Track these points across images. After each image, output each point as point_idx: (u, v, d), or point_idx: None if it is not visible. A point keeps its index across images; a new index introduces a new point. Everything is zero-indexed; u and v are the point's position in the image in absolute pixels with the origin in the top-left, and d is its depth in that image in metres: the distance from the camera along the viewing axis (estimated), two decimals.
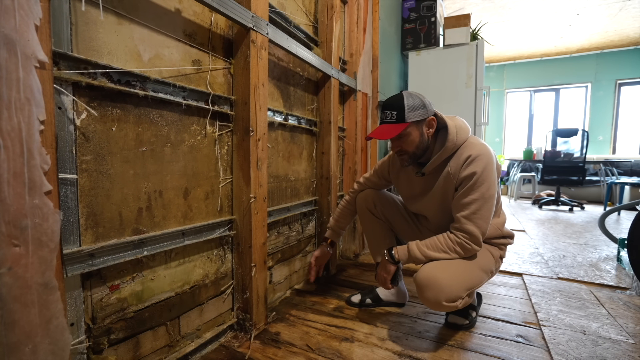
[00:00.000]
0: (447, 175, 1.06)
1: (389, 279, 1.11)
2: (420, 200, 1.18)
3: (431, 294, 0.98)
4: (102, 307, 0.76)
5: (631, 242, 1.41)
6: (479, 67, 2.39)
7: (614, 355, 1.02)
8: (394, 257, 1.09)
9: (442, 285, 0.97)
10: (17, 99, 0.51)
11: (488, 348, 1.06)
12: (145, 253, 0.83)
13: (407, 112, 0.99)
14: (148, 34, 0.83)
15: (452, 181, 1.04)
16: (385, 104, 1.04)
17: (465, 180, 1.01)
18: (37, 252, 0.55)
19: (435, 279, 0.98)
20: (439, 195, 1.10)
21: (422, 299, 1.03)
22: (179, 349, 0.96)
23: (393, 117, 1.00)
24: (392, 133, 0.98)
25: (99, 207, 0.74)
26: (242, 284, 1.13)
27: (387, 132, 1.00)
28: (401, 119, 0.99)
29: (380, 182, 1.33)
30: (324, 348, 1.06)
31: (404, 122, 0.99)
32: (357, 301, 1.36)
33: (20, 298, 0.53)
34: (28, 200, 0.54)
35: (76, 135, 0.68)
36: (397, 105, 1.00)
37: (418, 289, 1.03)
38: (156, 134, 0.86)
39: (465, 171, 1.01)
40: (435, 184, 1.10)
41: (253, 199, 1.08)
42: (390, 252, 1.10)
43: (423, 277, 1.00)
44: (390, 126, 1.00)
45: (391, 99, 1.04)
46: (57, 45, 0.63)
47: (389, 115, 1.01)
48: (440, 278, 0.97)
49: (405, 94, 1.02)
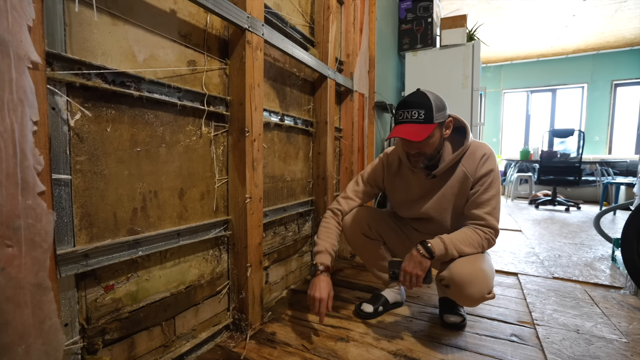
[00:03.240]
0: (463, 174, 1.06)
1: (423, 277, 0.98)
2: (423, 203, 1.14)
3: (476, 289, 0.96)
4: (96, 308, 0.76)
5: (624, 241, 1.42)
6: (475, 67, 2.40)
7: (606, 354, 1.03)
8: (431, 252, 0.98)
9: (486, 278, 0.98)
10: (9, 100, 0.51)
11: (482, 347, 1.07)
12: (140, 253, 0.83)
13: (435, 112, 0.95)
14: (143, 35, 0.83)
15: (469, 180, 1.06)
16: (410, 101, 0.97)
17: (484, 178, 1.04)
18: (31, 253, 0.55)
19: (481, 273, 0.97)
20: (450, 195, 1.09)
21: (462, 296, 0.99)
22: (175, 349, 0.96)
23: (421, 117, 0.94)
24: (422, 135, 0.93)
25: (94, 208, 0.74)
26: (238, 284, 1.13)
27: (415, 133, 0.93)
28: (429, 119, 0.94)
29: (372, 191, 1.25)
30: (320, 348, 1.07)
31: (432, 123, 0.95)
32: (371, 311, 1.25)
33: (13, 298, 0.53)
34: (21, 201, 0.54)
35: (70, 136, 0.68)
36: (424, 105, 0.95)
37: (458, 287, 0.97)
38: (151, 134, 0.86)
39: (482, 169, 1.04)
40: (446, 184, 1.09)
41: (249, 199, 1.08)
42: (425, 246, 0.99)
43: (467, 272, 0.97)
44: (418, 127, 0.94)
45: (416, 96, 0.97)
46: (51, 46, 0.63)
47: (415, 115, 0.94)
48: (483, 271, 0.98)
49: (429, 93, 0.98)
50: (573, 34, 4.68)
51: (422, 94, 0.97)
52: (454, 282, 0.98)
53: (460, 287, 0.97)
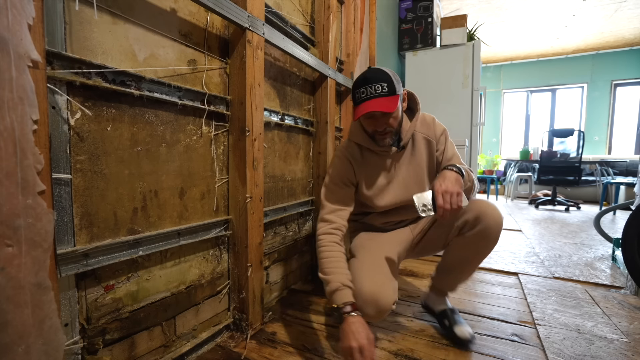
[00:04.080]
0: (425, 140, 1.10)
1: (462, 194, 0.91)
2: (400, 183, 1.09)
3: (500, 231, 1.02)
4: (96, 308, 0.76)
5: (625, 240, 1.42)
6: (475, 67, 2.39)
7: (607, 354, 1.03)
8: (460, 169, 0.95)
9: (501, 215, 1.04)
10: (9, 99, 0.51)
11: (483, 347, 1.07)
12: (140, 253, 0.82)
13: (396, 84, 0.94)
14: (143, 34, 0.82)
15: (432, 142, 1.10)
16: (369, 77, 0.93)
17: (441, 136, 1.11)
18: (31, 252, 0.55)
19: (501, 218, 1.03)
20: (424, 161, 1.10)
21: (488, 241, 1.02)
22: (175, 349, 0.96)
23: (385, 90, 0.91)
24: (391, 106, 0.91)
25: (94, 207, 0.74)
26: (238, 284, 1.13)
27: (385, 105, 0.91)
28: (392, 91, 0.92)
29: (348, 193, 1.09)
30: (320, 347, 1.06)
31: (396, 94, 0.93)
32: None
33: (13, 298, 0.53)
34: (21, 200, 0.53)
35: (70, 135, 0.68)
36: (385, 78, 0.93)
37: (488, 232, 1.00)
38: (151, 133, 0.86)
39: (437, 129, 1.10)
40: (414, 155, 1.09)
41: (249, 198, 1.08)
42: (453, 165, 0.96)
43: (496, 218, 1.01)
44: (385, 99, 0.91)
45: (373, 72, 0.94)
46: (51, 45, 0.63)
47: (378, 88, 0.91)
48: (498, 209, 1.04)
49: (383, 67, 0.97)
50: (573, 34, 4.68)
51: (378, 69, 0.96)
52: (481, 214, 1.00)
53: (486, 216, 1.00)
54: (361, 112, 0.92)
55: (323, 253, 0.99)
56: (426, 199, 0.92)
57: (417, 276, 1.73)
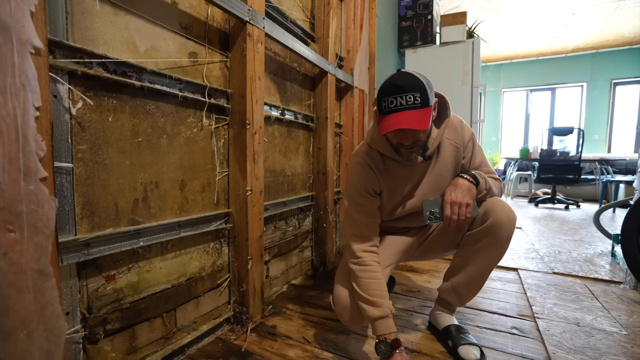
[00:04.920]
0: (452, 146, 0.99)
1: (472, 206, 0.88)
2: (417, 193, 1.02)
3: (512, 228, 0.95)
4: (97, 297, 0.76)
5: (624, 235, 1.42)
6: (475, 64, 2.40)
7: (607, 346, 1.03)
8: (476, 178, 0.92)
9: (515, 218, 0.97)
10: (12, 85, 0.51)
11: (483, 340, 1.07)
12: (141, 244, 0.83)
13: (429, 93, 0.81)
14: (144, 25, 0.83)
15: (460, 149, 1.00)
16: (401, 84, 0.80)
17: (469, 142, 1.01)
18: (33, 238, 0.55)
19: (514, 214, 0.96)
20: (446, 171, 1.00)
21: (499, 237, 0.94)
22: (175, 341, 0.96)
23: (417, 102, 0.79)
24: (424, 121, 0.79)
25: (95, 197, 0.74)
26: (239, 277, 1.13)
27: (417, 120, 0.79)
28: (425, 102, 0.80)
29: (375, 203, 1.00)
30: (321, 340, 1.07)
31: (429, 106, 0.81)
32: None
33: (15, 284, 0.53)
34: (23, 186, 0.54)
35: (72, 124, 0.68)
36: (418, 86, 0.80)
37: (498, 227, 0.93)
38: (152, 125, 0.86)
39: (466, 134, 1.01)
40: (438, 163, 0.99)
41: (249, 192, 1.08)
42: (469, 173, 0.93)
43: (507, 212, 0.95)
44: (417, 112, 0.79)
45: (406, 78, 0.81)
46: (53, 34, 0.63)
47: (410, 99, 0.79)
48: (513, 212, 0.97)
49: (415, 73, 0.83)
50: (572, 32, 4.69)
51: (410, 74, 0.82)
52: (495, 223, 0.94)
53: (499, 227, 0.93)
54: (389, 127, 0.79)
55: (367, 273, 0.92)
56: (435, 206, 0.91)
57: (417, 272, 1.73)
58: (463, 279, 1.02)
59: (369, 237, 0.97)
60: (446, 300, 1.09)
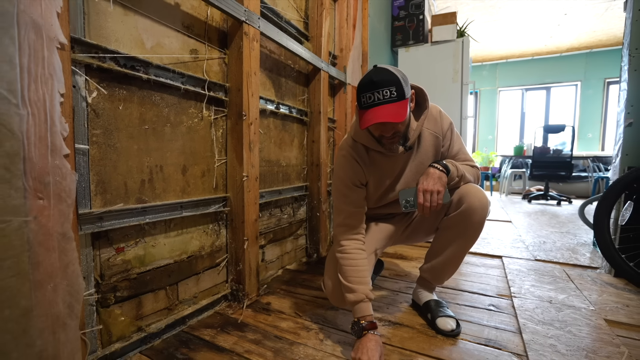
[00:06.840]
0: (432, 136, 1.05)
1: (443, 194, 0.95)
2: (399, 181, 1.08)
3: (485, 213, 1.02)
4: (109, 266, 0.86)
5: (596, 222, 1.52)
6: (464, 62, 2.49)
7: (573, 319, 1.12)
8: (447, 167, 0.98)
9: (488, 204, 1.03)
10: (42, 74, 0.61)
11: (462, 315, 1.16)
12: (147, 220, 0.92)
13: (404, 86, 0.85)
14: (150, 25, 0.92)
15: (439, 138, 1.06)
16: (377, 80, 0.83)
17: (448, 131, 1.06)
18: (57, 206, 0.65)
19: (486, 200, 1.01)
20: (427, 160, 1.06)
21: (472, 222, 1.01)
22: (177, 312, 1.06)
23: (393, 95, 0.83)
24: (401, 114, 0.83)
25: (107, 176, 0.83)
26: (236, 257, 1.23)
27: (394, 113, 0.83)
28: (402, 95, 0.84)
29: (362, 194, 1.06)
30: (311, 315, 1.16)
31: (405, 99, 0.85)
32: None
33: (43, 243, 0.63)
34: (50, 161, 0.63)
35: (88, 111, 0.78)
36: (393, 81, 0.83)
37: (471, 212, 1.00)
38: (157, 114, 0.96)
39: (444, 124, 1.06)
40: (419, 152, 1.05)
41: (245, 177, 1.18)
42: (440, 162, 0.99)
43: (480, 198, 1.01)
44: (394, 105, 0.83)
45: (381, 74, 0.84)
46: (72, 32, 0.72)
47: (387, 94, 0.83)
48: (487, 199, 1.02)
49: (390, 67, 0.87)
50: (566, 32, 4.78)
51: (385, 70, 0.86)
52: (468, 208, 1.01)
53: (473, 211, 1.00)
54: (369, 121, 0.83)
55: (348, 260, 0.98)
56: (410, 195, 0.99)
57: (406, 259, 1.83)
58: (441, 260, 1.11)
59: (354, 225, 1.03)
60: (426, 279, 1.19)
